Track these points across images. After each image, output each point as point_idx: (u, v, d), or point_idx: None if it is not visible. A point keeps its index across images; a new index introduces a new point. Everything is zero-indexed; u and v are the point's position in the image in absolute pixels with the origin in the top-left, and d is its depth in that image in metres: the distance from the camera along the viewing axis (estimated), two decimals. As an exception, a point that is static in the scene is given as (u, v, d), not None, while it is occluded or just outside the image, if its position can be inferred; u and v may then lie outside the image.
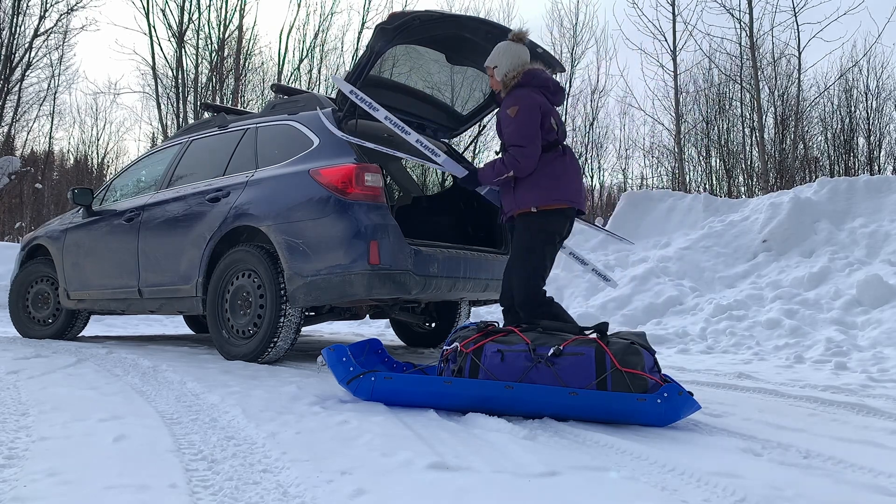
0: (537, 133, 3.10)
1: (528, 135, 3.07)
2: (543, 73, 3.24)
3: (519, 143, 3.08)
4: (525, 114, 3.08)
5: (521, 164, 3.09)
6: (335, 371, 2.86)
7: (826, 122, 18.47)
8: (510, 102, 3.14)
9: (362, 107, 3.73)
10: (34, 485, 1.77)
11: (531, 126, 3.08)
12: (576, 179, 3.21)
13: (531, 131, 3.08)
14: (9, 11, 16.28)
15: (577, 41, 19.79)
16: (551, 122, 3.16)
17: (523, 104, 3.10)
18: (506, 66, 3.23)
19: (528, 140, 3.07)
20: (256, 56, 18.93)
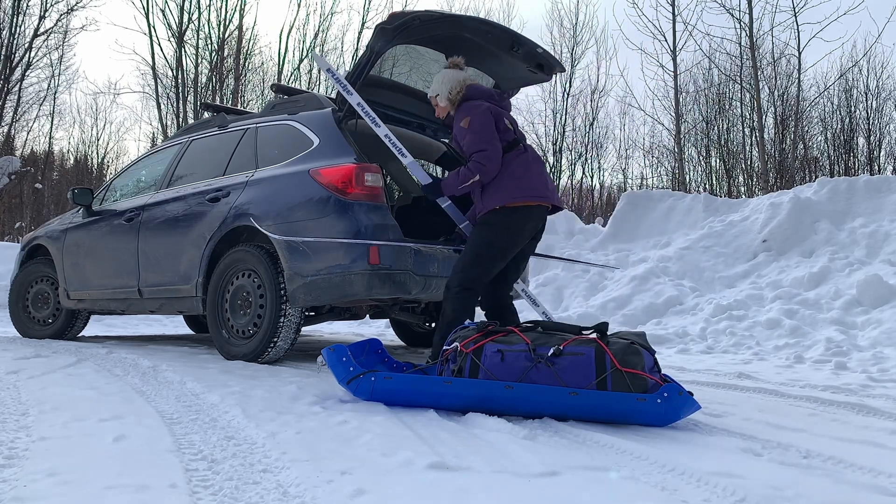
0: (494, 135, 3.16)
1: (486, 138, 3.15)
2: (484, 86, 3.37)
3: (479, 147, 3.14)
4: (478, 120, 3.16)
5: (487, 167, 3.14)
6: (335, 371, 2.86)
7: (826, 122, 18.48)
8: (461, 116, 3.22)
9: (339, 88, 3.78)
10: (34, 485, 1.77)
11: (487, 130, 3.16)
12: (540, 175, 3.25)
13: (488, 135, 3.15)
14: (9, 11, 16.29)
15: (577, 41, 19.82)
16: (506, 122, 3.24)
17: (474, 113, 3.19)
18: (447, 88, 3.32)
19: (487, 142, 3.14)
20: (256, 56, 18.96)
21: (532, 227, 3.28)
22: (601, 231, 8.87)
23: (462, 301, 3.17)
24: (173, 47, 16.56)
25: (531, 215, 3.23)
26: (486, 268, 3.21)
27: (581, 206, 20.96)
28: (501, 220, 3.18)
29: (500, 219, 3.18)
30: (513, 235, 3.21)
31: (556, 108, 19.96)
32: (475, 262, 3.19)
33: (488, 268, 3.22)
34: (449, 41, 4.00)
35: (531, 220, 3.24)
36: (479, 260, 3.20)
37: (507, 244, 3.21)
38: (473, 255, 3.20)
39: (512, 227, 3.19)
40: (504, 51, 3.93)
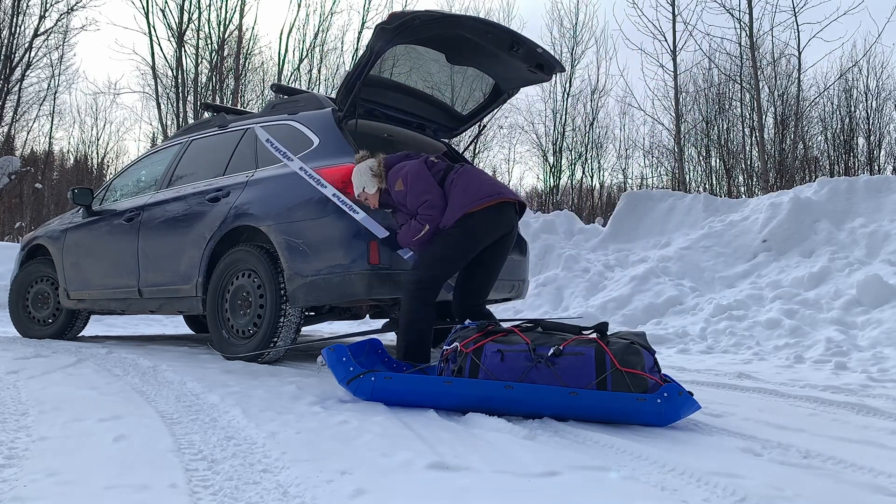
0: (429, 180, 3.26)
1: (425, 189, 3.24)
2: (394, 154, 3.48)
3: (421, 200, 3.23)
4: (409, 175, 3.27)
5: (434, 214, 3.23)
6: (335, 371, 2.86)
7: (826, 122, 18.49)
8: (392, 182, 3.32)
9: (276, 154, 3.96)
10: (34, 485, 1.77)
11: (420, 180, 3.25)
12: (488, 180, 3.35)
13: (422, 184, 3.24)
14: (9, 11, 16.30)
15: (577, 41, 19.82)
16: (432, 160, 3.36)
17: (402, 172, 3.30)
18: (366, 176, 3.40)
19: (427, 191, 3.24)
20: (256, 56, 18.97)
21: (494, 226, 3.31)
22: (601, 231, 8.87)
23: (419, 300, 3.23)
24: (173, 47, 16.57)
25: (490, 215, 3.26)
26: (444, 269, 3.28)
27: (581, 206, 20.96)
28: (461, 226, 3.23)
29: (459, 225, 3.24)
30: (475, 236, 3.26)
31: (556, 108, 19.98)
32: (433, 265, 3.26)
33: (447, 269, 3.29)
34: (449, 41, 4.00)
35: (491, 220, 3.28)
36: (436, 263, 3.26)
37: (468, 246, 3.27)
38: (432, 257, 3.26)
39: (471, 230, 3.24)
40: (504, 51, 3.93)
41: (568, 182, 20.95)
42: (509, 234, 3.43)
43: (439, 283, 3.28)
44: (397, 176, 3.32)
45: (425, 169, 3.31)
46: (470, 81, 4.63)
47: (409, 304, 3.23)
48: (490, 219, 3.27)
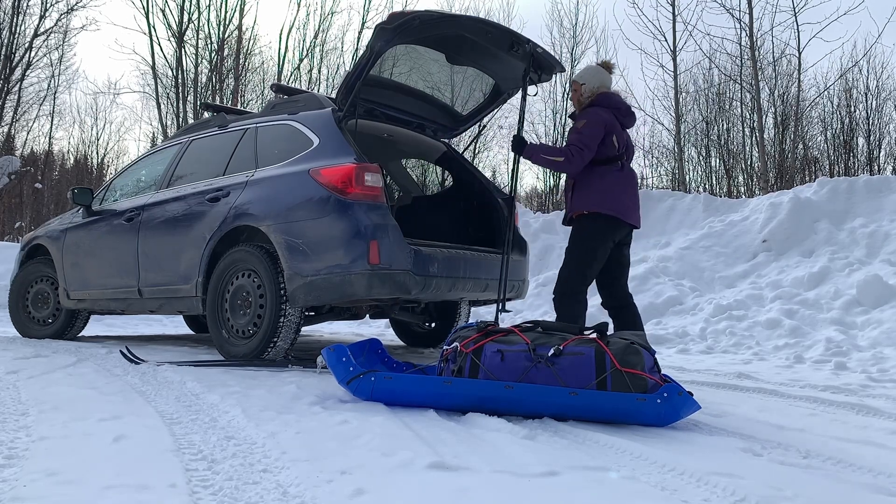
0: (593, 146, 3.44)
1: (587, 142, 3.43)
2: (618, 97, 3.63)
3: (576, 144, 3.44)
4: (589, 127, 3.46)
5: (574, 159, 3.43)
6: (335, 371, 2.86)
7: (826, 122, 18.46)
8: (581, 118, 3.53)
9: None
10: (34, 484, 1.77)
11: (592, 138, 3.44)
12: (626, 195, 3.52)
13: (589, 139, 3.43)
14: (9, 11, 16.29)
15: (577, 41, 19.81)
16: (613, 140, 3.49)
17: (590, 118, 3.48)
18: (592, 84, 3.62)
19: (585, 145, 3.42)
20: (256, 56, 18.94)
21: (621, 239, 3.57)
22: (601, 231, 8.86)
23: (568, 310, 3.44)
24: (173, 47, 16.55)
25: (613, 225, 3.49)
26: (583, 272, 3.48)
27: (581, 206, 20.89)
28: (588, 225, 3.48)
29: (588, 225, 3.49)
30: (597, 240, 3.48)
31: (556, 108, 19.96)
32: (575, 272, 3.48)
33: (584, 271, 3.48)
34: (449, 41, 4.00)
35: (615, 230, 3.51)
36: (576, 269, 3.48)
37: (595, 245, 3.48)
38: (573, 265, 3.49)
39: (595, 234, 3.47)
40: (504, 51, 3.93)
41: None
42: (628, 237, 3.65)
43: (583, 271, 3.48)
44: (585, 117, 3.50)
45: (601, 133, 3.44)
46: (470, 81, 4.63)
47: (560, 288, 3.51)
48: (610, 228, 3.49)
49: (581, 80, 3.68)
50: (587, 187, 3.50)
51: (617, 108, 3.58)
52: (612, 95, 3.62)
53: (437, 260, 3.83)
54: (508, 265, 3.92)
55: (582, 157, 3.44)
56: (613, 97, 3.61)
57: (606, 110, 3.53)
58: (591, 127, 3.46)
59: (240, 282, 4.04)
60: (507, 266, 3.88)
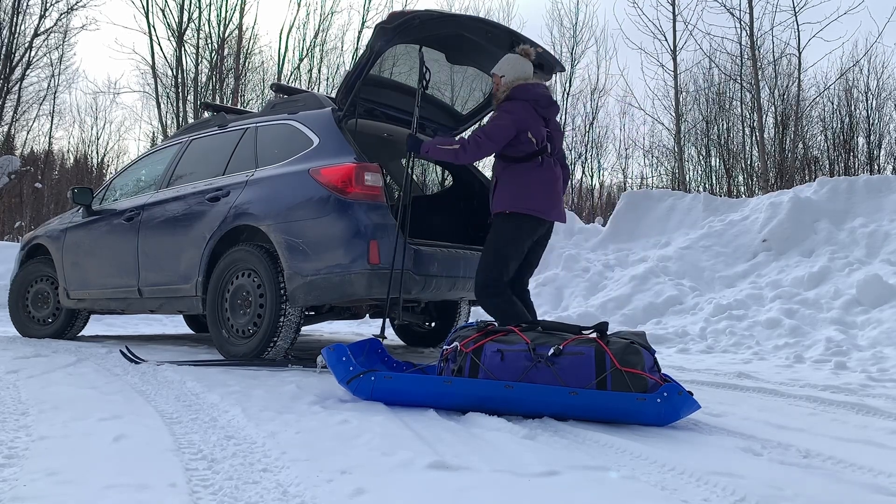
0: (498, 141, 3.36)
1: (491, 133, 3.36)
2: (537, 87, 3.47)
3: (477, 134, 3.40)
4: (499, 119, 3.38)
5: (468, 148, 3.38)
6: (335, 371, 2.86)
7: (826, 122, 18.46)
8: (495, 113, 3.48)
9: None
10: (34, 484, 1.77)
11: (499, 130, 3.35)
12: (546, 191, 3.42)
13: (496, 133, 3.35)
14: (9, 11, 16.28)
15: (577, 41, 19.80)
16: (529, 136, 3.37)
17: (500, 115, 3.40)
18: (512, 75, 3.49)
19: (487, 136, 3.36)
20: (256, 55, 18.91)
21: (541, 235, 3.52)
22: (601, 230, 8.86)
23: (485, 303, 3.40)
24: (173, 47, 16.55)
25: (533, 224, 3.42)
26: (499, 268, 3.41)
27: (581, 205, 20.94)
28: (507, 225, 3.40)
29: (506, 224, 3.40)
30: (516, 239, 3.40)
31: (556, 107, 19.94)
32: (492, 267, 3.41)
33: (500, 267, 3.41)
34: (449, 41, 4.00)
35: (535, 229, 3.44)
36: (493, 265, 3.41)
37: (511, 245, 3.41)
38: (491, 260, 3.42)
39: (514, 232, 3.40)
40: (504, 50, 3.93)
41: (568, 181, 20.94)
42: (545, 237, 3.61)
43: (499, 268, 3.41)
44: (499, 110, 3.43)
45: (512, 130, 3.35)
46: (470, 81, 4.63)
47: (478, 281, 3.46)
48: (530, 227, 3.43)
49: (499, 71, 3.53)
50: (506, 186, 3.40)
51: (536, 99, 3.42)
52: (532, 87, 3.45)
53: (437, 260, 3.83)
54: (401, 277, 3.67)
55: (478, 148, 3.36)
56: (532, 88, 3.44)
57: (524, 104, 3.39)
58: (498, 121, 3.36)
59: (240, 281, 4.04)
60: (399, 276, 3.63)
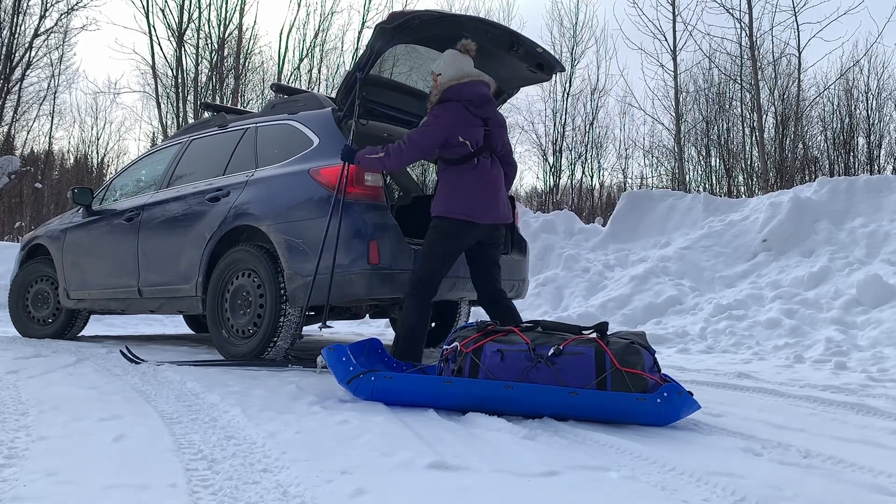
0: (424, 146, 3.34)
1: (417, 139, 3.34)
2: (471, 86, 3.37)
3: (403, 140, 3.38)
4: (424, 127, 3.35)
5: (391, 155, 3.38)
6: (335, 371, 2.86)
7: (826, 122, 18.47)
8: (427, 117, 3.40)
9: None
10: (34, 484, 1.77)
11: (428, 136, 3.32)
12: (480, 194, 3.35)
13: (424, 139, 3.32)
14: (9, 11, 16.28)
15: (577, 41, 19.81)
16: (459, 139, 3.31)
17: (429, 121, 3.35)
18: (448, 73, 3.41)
19: (411, 142, 3.34)
20: (256, 55, 18.93)
21: (480, 239, 3.42)
22: (601, 231, 8.86)
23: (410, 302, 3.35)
24: (173, 47, 16.55)
25: (467, 228, 3.35)
26: (430, 272, 3.36)
27: (581, 205, 20.94)
28: (439, 228, 3.36)
29: (438, 228, 3.36)
30: (449, 244, 3.36)
31: (556, 107, 19.96)
32: (423, 269, 3.37)
33: (431, 271, 3.36)
34: (449, 41, 4.00)
35: (469, 233, 3.37)
36: (424, 267, 3.37)
37: (446, 249, 3.36)
38: (423, 262, 3.38)
39: (446, 237, 3.35)
40: (504, 50, 3.93)
41: (568, 182, 20.93)
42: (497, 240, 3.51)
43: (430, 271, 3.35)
44: (431, 112, 3.37)
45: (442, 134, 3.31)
46: (470, 81, 4.62)
47: (410, 282, 3.40)
48: (464, 232, 3.36)
49: (437, 69, 3.45)
50: (441, 190, 3.37)
51: (469, 100, 3.34)
52: (465, 86, 3.35)
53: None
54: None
55: (400, 155, 3.35)
56: (465, 88, 3.35)
57: (456, 106, 3.32)
58: (426, 126, 3.34)
59: (240, 281, 4.04)
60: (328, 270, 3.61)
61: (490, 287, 3.54)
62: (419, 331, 3.31)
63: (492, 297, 3.53)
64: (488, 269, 3.53)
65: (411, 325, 3.30)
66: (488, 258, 3.52)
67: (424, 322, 3.35)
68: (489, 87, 3.48)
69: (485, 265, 3.52)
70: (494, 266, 3.55)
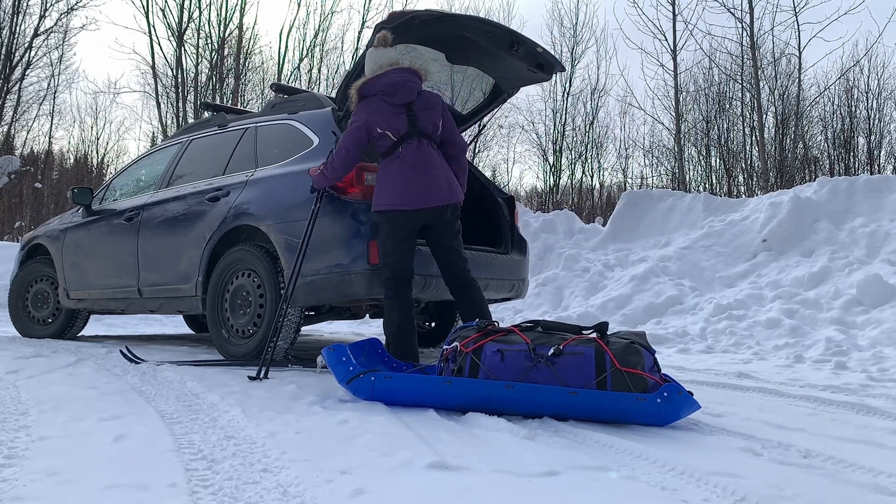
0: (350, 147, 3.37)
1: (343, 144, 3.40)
2: (383, 77, 3.37)
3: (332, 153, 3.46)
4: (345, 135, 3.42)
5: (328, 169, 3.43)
6: (335, 371, 2.86)
7: (826, 122, 18.47)
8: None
9: None
10: (34, 484, 1.77)
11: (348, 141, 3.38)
12: (409, 180, 3.34)
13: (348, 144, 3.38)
14: (9, 11, 16.28)
15: (578, 40, 19.81)
16: (378, 130, 3.35)
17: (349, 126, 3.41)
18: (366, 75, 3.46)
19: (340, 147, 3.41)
20: (256, 55, 18.90)
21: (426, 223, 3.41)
22: (601, 230, 8.86)
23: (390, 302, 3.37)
24: (173, 46, 16.55)
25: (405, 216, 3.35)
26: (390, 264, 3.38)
27: (581, 205, 20.94)
28: (381, 222, 3.41)
29: (381, 222, 3.41)
30: (396, 233, 3.37)
31: (556, 107, 19.96)
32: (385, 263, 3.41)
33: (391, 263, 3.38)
34: (449, 40, 4.00)
35: (409, 220, 3.35)
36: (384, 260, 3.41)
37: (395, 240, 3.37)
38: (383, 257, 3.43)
39: (389, 228, 3.37)
40: (504, 50, 3.93)
41: (568, 181, 20.94)
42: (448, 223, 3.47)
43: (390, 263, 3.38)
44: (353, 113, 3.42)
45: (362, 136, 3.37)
46: (470, 81, 4.62)
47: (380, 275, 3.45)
48: (404, 220, 3.36)
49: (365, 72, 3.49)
50: (376, 185, 3.41)
51: (381, 90, 3.35)
52: (377, 79, 3.36)
53: (436, 260, 3.82)
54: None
55: (333, 163, 3.40)
56: (377, 81, 3.36)
57: (370, 99, 3.36)
58: (347, 134, 3.40)
59: (240, 281, 4.04)
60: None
61: (452, 275, 3.50)
62: (407, 326, 3.31)
63: (455, 284, 3.49)
64: (447, 255, 3.49)
65: (397, 323, 3.31)
66: (443, 244, 3.48)
67: (409, 317, 3.33)
68: (413, 73, 3.44)
69: (442, 252, 3.49)
70: (453, 252, 3.49)
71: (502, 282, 4.30)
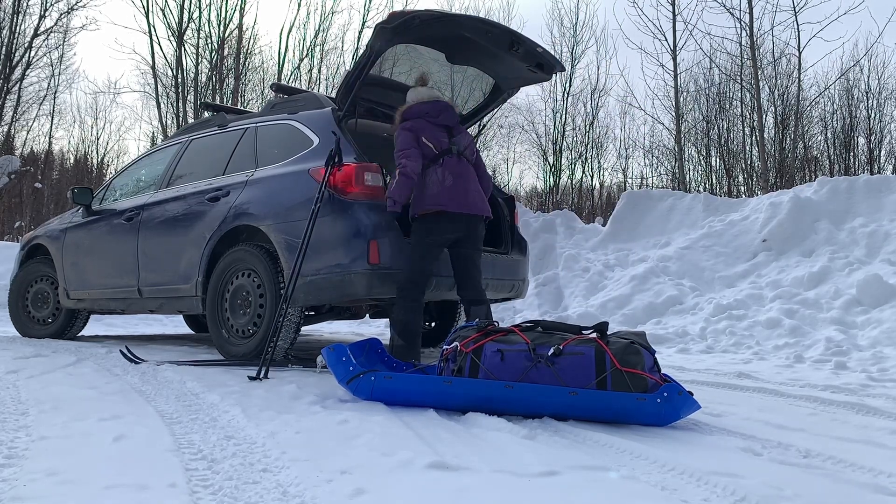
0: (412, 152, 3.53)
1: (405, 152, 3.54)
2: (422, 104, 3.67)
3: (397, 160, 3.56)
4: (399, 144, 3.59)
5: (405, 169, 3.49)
6: (335, 371, 2.86)
7: (826, 122, 18.47)
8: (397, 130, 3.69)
9: None
10: (34, 484, 1.77)
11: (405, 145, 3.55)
12: (452, 188, 3.55)
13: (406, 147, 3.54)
14: (9, 11, 16.27)
15: (577, 40, 19.79)
16: (424, 141, 3.58)
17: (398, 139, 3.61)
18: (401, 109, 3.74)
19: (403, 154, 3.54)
20: (256, 55, 18.90)
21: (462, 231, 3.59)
22: (601, 230, 8.86)
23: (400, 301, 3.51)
24: (173, 46, 16.53)
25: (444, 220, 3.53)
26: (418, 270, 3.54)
27: (581, 205, 20.94)
28: (417, 228, 3.58)
29: (417, 227, 3.58)
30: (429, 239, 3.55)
31: (556, 107, 19.95)
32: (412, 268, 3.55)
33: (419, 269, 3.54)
34: (449, 40, 4.00)
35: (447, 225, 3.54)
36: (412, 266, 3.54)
37: (427, 245, 3.55)
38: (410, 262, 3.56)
39: (425, 234, 3.55)
40: (504, 50, 3.93)
41: (568, 181, 20.93)
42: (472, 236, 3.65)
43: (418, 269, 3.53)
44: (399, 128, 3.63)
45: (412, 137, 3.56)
46: (470, 81, 4.62)
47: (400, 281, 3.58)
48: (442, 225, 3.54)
49: None
50: (416, 190, 3.57)
51: (426, 112, 3.65)
52: (415, 105, 3.68)
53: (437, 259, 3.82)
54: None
55: (405, 167, 3.49)
56: (416, 107, 3.67)
57: (416, 120, 3.62)
58: (400, 143, 3.57)
59: (239, 281, 4.04)
60: None
61: (470, 289, 3.68)
62: (413, 326, 3.47)
63: (469, 299, 3.68)
64: (467, 270, 3.68)
65: (403, 322, 3.46)
66: (468, 257, 3.67)
67: (416, 318, 3.49)
68: (452, 105, 3.80)
69: (464, 263, 3.67)
70: (473, 268, 3.69)
71: (502, 282, 4.30)
